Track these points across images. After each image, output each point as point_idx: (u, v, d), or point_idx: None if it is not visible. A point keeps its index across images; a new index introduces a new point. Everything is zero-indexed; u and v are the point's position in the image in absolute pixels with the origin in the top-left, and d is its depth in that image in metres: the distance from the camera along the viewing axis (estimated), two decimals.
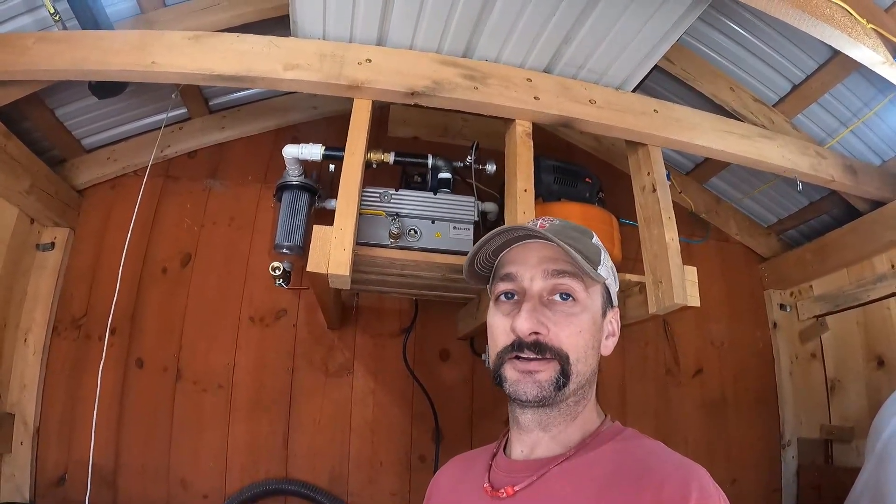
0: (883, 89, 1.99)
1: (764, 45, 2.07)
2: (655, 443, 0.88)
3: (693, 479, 0.75)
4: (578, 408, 0.93)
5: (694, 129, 1.98)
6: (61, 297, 2.23)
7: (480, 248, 0.98)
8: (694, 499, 0.72)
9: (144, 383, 2.18)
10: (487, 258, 1.01)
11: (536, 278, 0.92)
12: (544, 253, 0.94)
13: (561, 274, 0.91)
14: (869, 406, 2.28)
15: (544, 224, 0.98)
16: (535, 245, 0.95)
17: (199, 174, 2.47)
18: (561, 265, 0.92)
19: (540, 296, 0.91)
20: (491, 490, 0.91)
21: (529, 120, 1.82)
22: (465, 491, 0.99)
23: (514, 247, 0.97)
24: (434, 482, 1.14)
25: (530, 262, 0.93)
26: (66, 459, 2.06)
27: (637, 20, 1.68)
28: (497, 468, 0.97)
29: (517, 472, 0.91)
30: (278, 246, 2.03)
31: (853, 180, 2.20)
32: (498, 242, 0.97)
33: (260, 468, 2.13)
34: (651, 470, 0.79)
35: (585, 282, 0.92)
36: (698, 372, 2.64)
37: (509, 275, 0.95)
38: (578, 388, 0.91)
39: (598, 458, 0.86)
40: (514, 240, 0.97)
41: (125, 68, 1.68)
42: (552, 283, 0.91)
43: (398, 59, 1.75)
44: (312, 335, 2.33)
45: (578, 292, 0.92)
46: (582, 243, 0.95)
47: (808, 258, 2.62)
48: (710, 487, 0.74)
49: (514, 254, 0.97)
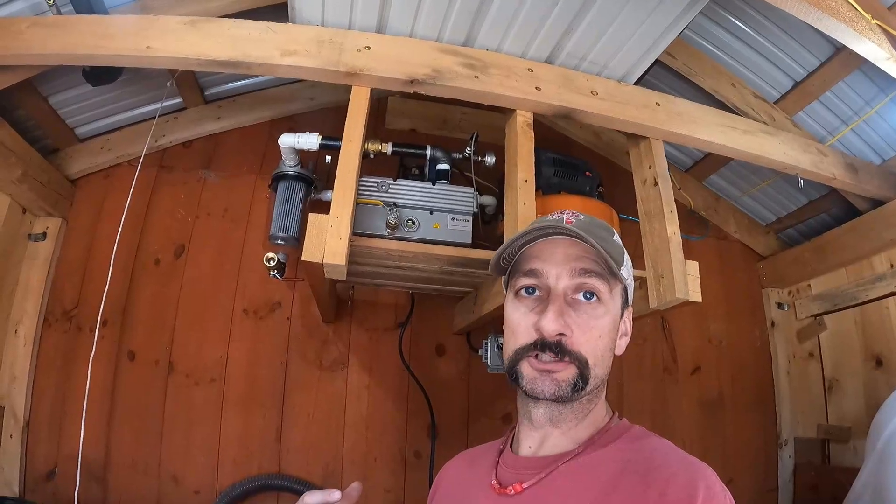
0: (884, 87, 1.99)
1: (766, 41, 2.07)
2: (663, 441, 0.87)
3: (699, 479, 0.74)
4: (590, 406, 0.93)
5: (696, 123, 1.97)
6: (53, 287, 2.20)
7: (511, 244, 0.95)
8: (700, 498, 0.71)
9: (136, 376, 2.14)
10: (513, 252, 0.98)
11: (563, 276, 0.90)
12: (571, 250, 0.91)
13: (588, 273, 0.89)
14: (867, 406, 2.28)
15: (570, 219, 0.95)
16: (561, 241, 0.92)
17: (194, 164, 2.44)
18: (589, 264, 0.90)
19: (564, 294, 0.90)
20: (498, 487, 0.91)
21: (531, 110, 1.81)
22: (471, 487, 0.98)
23: (540, 241, 0.94)
24: (440, 477, 1.13)
25: (557, 259, 0.91)
26: (56, 453, 2.02)
27: (639, 13, 1.66)
28: (504, 465, 0.96)
29: (525, 468, 0.91)
30: (273, 237, 2.01)
31: (854, 178, 2.19)
32: (528, 238, 0.94)
33: (253, 463, 2.11)
34: (657, 469, 0.78)
35: (610, 282, 0.91)
36: (696, 370, 2.64)
37: (534, 270, 0.92)
38: (594, 388, 0.91)
39: (606, 457, 0.86)
40: (542, 235, 0.94)
41: (120, 53, 1.64)
42: (578, 281, 0.90)
43: (398, 47, 1.73)
44: (307, 328, 2.30)
45: (603, 293, 0.90)
46: (607, 242, 0.92)
47: (807, 257, 2.62)
48: (716, 487, 0.74)
49: (538, 248, 0.94)
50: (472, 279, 1.98)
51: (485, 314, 1.95)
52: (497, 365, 2.14)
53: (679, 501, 0.72)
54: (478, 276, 1.94)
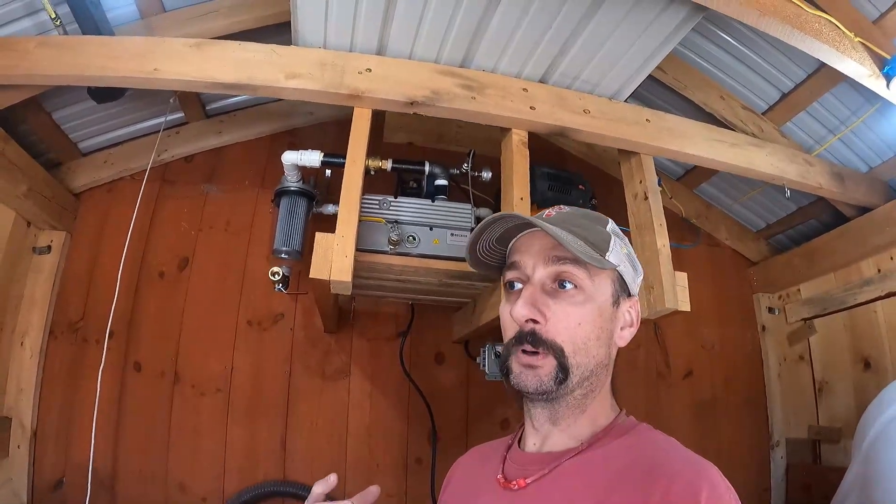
0: (870, 98, 2.03)
1: (753, 54, 2.12)
2: (668, 439, 0.87)
3: (704, 477, 0.74)
4: (587, 401, 0.92)
5: (685, 138, 2.02)
6: (58, 300, 2.23)
7: (479, 235, 0.98)
8: (704, 496, 0.71)
9: (142, 387, 2.18)
10: (491, 247, 1.00)
11: (538, 266, 0.91)
12: (547, 241, 0.92)
13: (561, 260, 0.90)
14: (856, 407, 2.33)
15: (551, 213, 0.98)
16: (539, 234, 0.93)
17: (196, 179, 2.47)
18: (561, 251, 0.90)
19: (542, 284, 0.91)
20: (504, 481, 0.92)
21: (525, 129, 1.86)
22: (480, 481, 0.99)
23: (521, 236, 0.97)
24: (452, 470, 1.15)
25: (533, 250, 0.93)
26: (64, 463, 2.06)
27: (631, 34, 1.71)
28: (511, 460, 0.97)
29: (529, 464, 0.91)
30: (277, 251, 2.05)
31: (840, 187, 2.25)
32: (497, 230, 0.97)
33: (258, 471, 2.15)
34: (661, 466, 0.78)
35: (590, 269, 0.90)
36: (688, 374, 2.69)
37: (514, 263, 0.95)
38: (583, 380, 0.89)
39: (610, 453, 0.86)
40: (517, 228, 0.96)
41: (128, 75, 1.68)
42: (554, 269, 0.90)
43: (398, 69, 1.78)
44: (309, 339, 2.35)
45: (582, 280, 0.89)
46: (589, 230, 0.93)
47: (797, 262, 2.68)
48: (720, 485, 0.74)
49: (519, 243, 0.97)
50: (471, 290, 2.03)
51: (483, 324, 2.00)
52: (494, 372, 2.19)
53: (683, 500, 0.71)
54: (476, 288, 1.99)
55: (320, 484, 0.92)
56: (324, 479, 0.92)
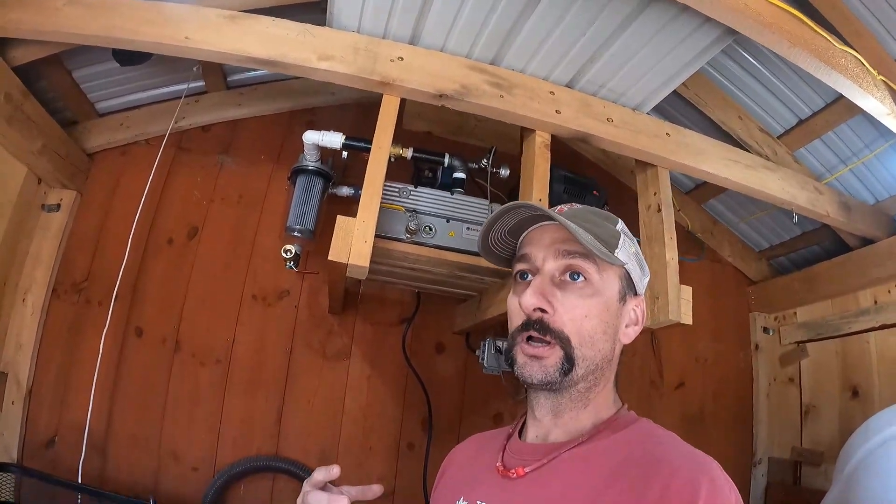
0: (885, 133, 2.06)
1: (775, 78, 2.14)
2: (668, 434, 0.88)
3: (704, 472, 0.74)
4: (590, 395, 0.93)
5: (702, 155, 2.05)
6: (63, 259, 2.22)
7: (491, 224, 1.00)
8: (705, 491, 0.71)
9: (142, 352, 2.19)
10: (503, 238, 1.02)
11: (548, 258, 0.93)
12: (558, 234, 0.94)
13: (572, 254, 0.91)
14: (840, 433, 2.37)
15: (563, 208, 0.99)
16: (550, 227, 0.95)
17: (212, 149, 2.47)
18: (572, 245, 0.91)
19: (552, 276, 0.92)
20: (503, 469, 0.93)
21: (549, 132, 1.87)
22: (479, 468, 1.00)
23: (532, 229, 0.98)
24: (450, 457, 1.16)
25: (544, 243, 0.94)
26: (57, 422, 2.06)
27: (662, 48, 1.73)
28: (510, 450, 0.98)
29: (529, 454, 0.92)
30: (290, 228, 2.06)
31: (846, 217, 2.29)
32: (511, 221, 0.98)
33: (252, 445, 2.16)
34: (661, 461, 0.78)
35: (599, 264, 0.92)
36: (680, 385, 2.73)
37: (524, 255, 0.96)
38: (588, 373, 0.91)
39: (610, 446, 0.86)
40: (529, 220, 0.97)
41: (158, 41, 1.68)
42: (564, 262, 0.92)
43: (429, 60, 1.79)
44: (313, 318, 2.36)
45: (591, 273, 0.91)
46: (600, 227, 0.95)
47: (796, 286, 2.72)
48: (721, 480, 0.74)
49: (531, 236, 0.98)
50: (479, 284, 2.05)
51: (487, 318, 2.03)
52: (493, 366, 2.21)
53: (683, 494, 0.71)
54: (484, 282, 2.01)
55: (322, 471, 0.91)
56: (327, 467, 0.91)
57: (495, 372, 2.24)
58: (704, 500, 0.70)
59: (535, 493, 0.86)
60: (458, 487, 0.99)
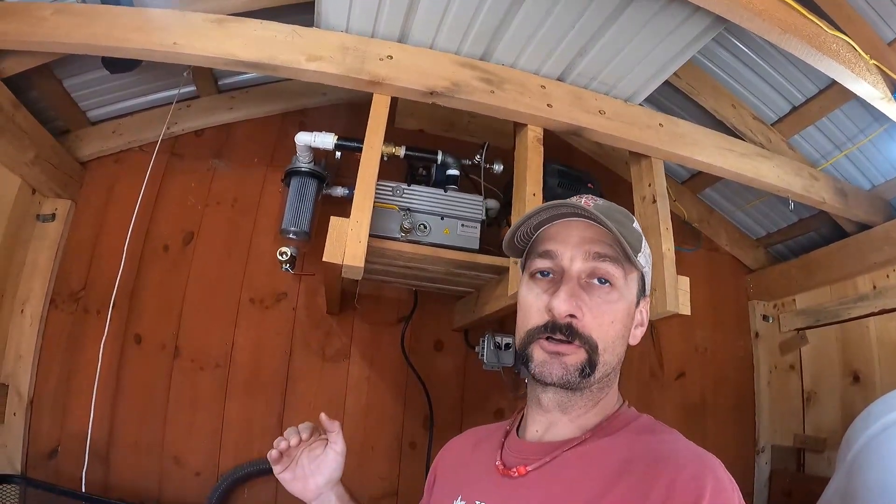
0: (879, 118, 2.06)
1: (768, 66, 2.13)
2: (671, 431, 0.87)
3: (708, 472, 0.73)
4: (601, 395, 0.92)
5: (696, 145, 2.04)
6: (60, 269, 2.21)
7: (524, 222, 0.95)
8: (710, 489, 0.71)
9: (142, 359, 2.18)
10: (528, 233, 0.97)
11: (577, 259, 0.89)
12: (587, 233, 0.90)
13: (602, 258, 0.88)
14: (843, 419, 2.37)
15: (589, 202, 0.93)
16: (578, 223, 0.91)
17: (205, 153, 2.46)
18: (604, 248, 0.88)
19: (578, 277, 0.89)
20: (503, 468, 0.91)
21: (541, 126, 1.87)
22: (475, 466, 0.99)
23: (556, 223, 0.94)
24: (445, 450, 1.15)
25: (572, 241, 0.90)
26: (59, 432, 2.05)
27: (652, 39, 1.72)
28: (510, 448, 0.96)
29: (530, 452, 0.91)
30: (285, 230, 2.06)
31: (843, 203, 2.28)
32: (543, 217, 0.94)
33: (254, 448, 2.15)
34: (665, 460, 0.77)
35: (625, 268, 0.90)
36: (680, 375, 2.73)
37: (549, 252, 0.91)
38: (604, 376, 0.89)
39: (612, 445, 0.85)
40: (558, 216, 0.93)
41: (146, 47, 1.67)
42: (592, 265, 0.88)
43: (419, 58, 1.78)
44: (311, 319, 2.36)
45: (617, 279, 0.89)
46: (627, 228, 0.91)
47: (794, 273, 2.71)
48: (724, 479, 0.73)
49: (554, 230, 0.93)
50: (476, 281, 2.05)
51: (485, 315, 2.02)
52: (493, 362, 2.21)
53: (688, 492, 0.71)
54: (481, 279, 2.01)
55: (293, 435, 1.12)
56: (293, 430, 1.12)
57: (495, 368, 2.24)
58: (709, 498, 0.70)
59: (538, 493, 0.85)
60: (456, 486, 0.98)
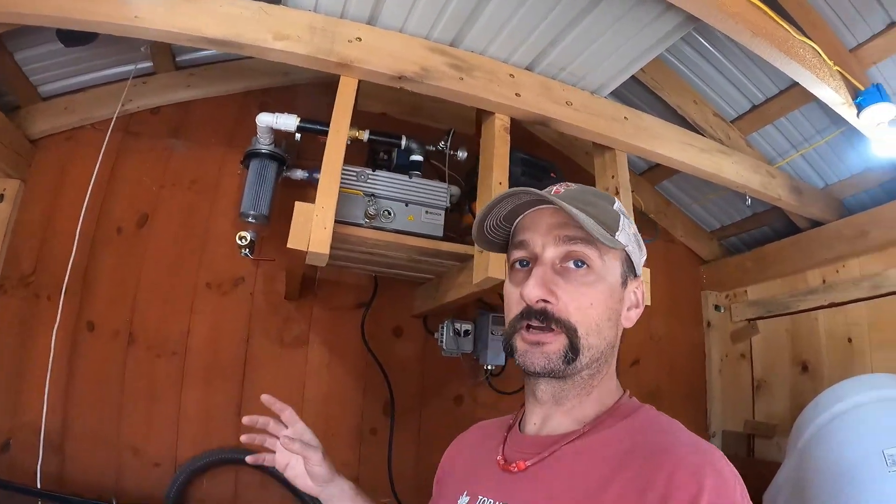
0: (836, 121, 2.11)
1: (731, 64, 2.18)
2: (672, 422, 0.86)
3: (707, 463, 0.73)
4: (594, 381, 0.91)
5: (659, 139, 2.08)
6: (8, 252, 2.10)
7: (488, 211, 0.94)
8: (709, 481, 0.70)
9: (95, 347, 2.10)
10: (499, 224, 0.96)
11: (548, 245, 0.88)
12: (556, 219, 0.89)
13: (573, 240, 0.87)
14: (791, 407, 2.47)
15: (559, 189, 0.94)
16: (547, 211, 0.90)
17: (161, 132, 2.36)
18: (572, 231, 0.87)
19: (553, 263, 0.88)
20: (503, 463, 0.91)
21: (509, 115, 1.86)
22: (479, 461, 0.99)
23: (529, 213, 0.93)
24: (448, 452, 1.15)
25: (542, 229, 0.90)
26: (10, 424, 1.96)
27: (624, 33, 1.73)
28: (511, 442, 0.96)
29: (529, 446, 0.90)
30: (244, 214, 2.01)
31: (798, 200, 2.36)
32: (508, 207, 0.92)
33: (213, 437, 2.11)
34: (665, 451, 0.77)
35: (601, 248, 0.88)
36: (635, 362, 2.80)
37: (522, 242, 0.92)
38: (592, 361, 0.88)
39: (612, 437, 0.84)
40: (526, 205, 0.92)
41: (105, 20, 1.57)
42: (565, 249, 0.88)
43: (389, 41, 1.74)
44: (269, 305, 2.31)
45: (594, 259, 0.88)
46: (599, 208, 0.91)
47: (747, 265, 2.80)
48: (725, 471, 0.73)
49: (527, 220, 0.93)
50: (437, 268, 2.05)
51: (447, 302, 2.03)
52: (452, 349, 2.22)
53: (687, 485, 0.70)
54: (443, 266, 2.01)
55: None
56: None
57: (454, 354, 2.25)
58: (709, 490, 0.70)
59: (537, 487, 0.84)
60: (462, 481, 0.99)
